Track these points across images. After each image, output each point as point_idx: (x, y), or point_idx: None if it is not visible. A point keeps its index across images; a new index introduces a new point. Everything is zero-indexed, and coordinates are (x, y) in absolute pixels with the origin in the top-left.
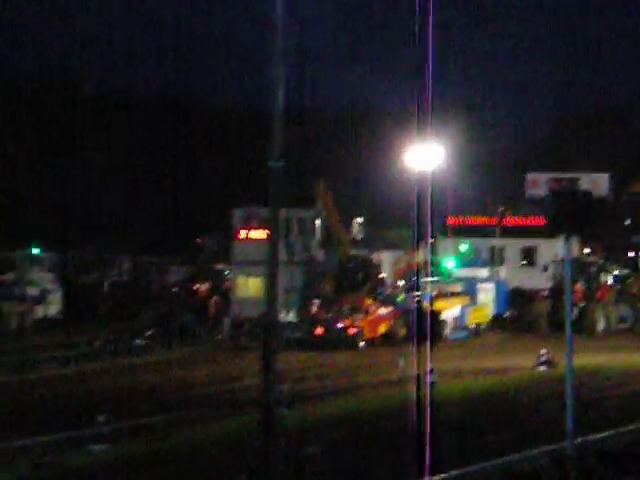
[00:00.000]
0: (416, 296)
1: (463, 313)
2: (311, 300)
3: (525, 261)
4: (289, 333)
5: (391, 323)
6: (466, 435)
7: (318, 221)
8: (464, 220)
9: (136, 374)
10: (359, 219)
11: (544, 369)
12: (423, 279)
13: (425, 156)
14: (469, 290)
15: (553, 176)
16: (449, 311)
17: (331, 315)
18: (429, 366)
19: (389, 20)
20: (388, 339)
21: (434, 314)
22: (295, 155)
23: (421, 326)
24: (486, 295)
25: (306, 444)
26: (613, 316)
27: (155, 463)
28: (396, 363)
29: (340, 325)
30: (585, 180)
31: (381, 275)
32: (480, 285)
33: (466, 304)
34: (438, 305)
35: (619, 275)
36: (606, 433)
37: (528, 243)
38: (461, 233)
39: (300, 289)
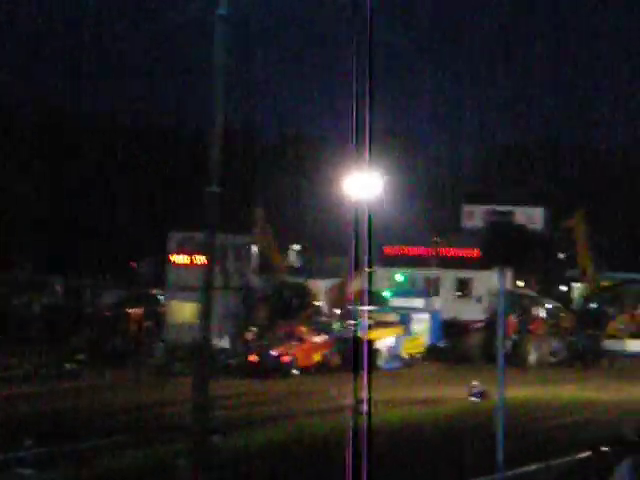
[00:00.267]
0: (351, 324)
1: (397, 343)
2: (245, 327)
3: (460, 292)
4: (223, 359)
5: (326, 351)
6: (396, 466)
7: (254, 247)
8: (401, 250)
9: (66, 398)
10: (296, 246)
11: (476, 400)
12: (359, 308)
13: (363, 185)
14: (404, 320)
15: (489, 208)
16: (383, 340)
17: (265, 342)
18: (362, 396)
19: (329, 49)
20: (322, 367)
21: (369, 343)
22: (233, 181)
23: (356, 355)
24: (421, 325)
25: (236, 471)
26: (545, 349)
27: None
28: (329, 392)
29: (274, 352)
30: (520, 214)
31: (317, 303)
32: (415, 315)
33: (400, 334)
34: (372, 334)
35: (552, 308)
36: (535, 466)
37: (463, 274)
38: (397, 263)
39: (235, 315)
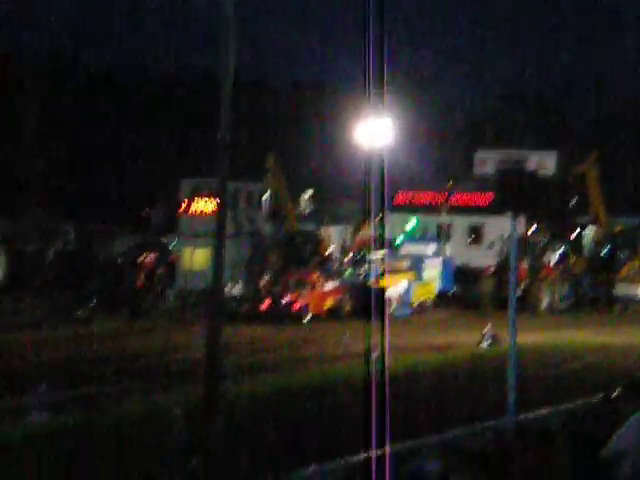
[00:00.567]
0: (363, 271)
1: (408, 290)
2: (257, 274)
3: (472, 238)
4: (234, 306)
5: (337, 298)
6: (408, 410)
7: (266, 194)
8: (412, 196)
9: (78, 344)
10: (307, 193)
11: (488, 346)
12: (371, 255)
13: (375, 131)
14: (415, 267)
15: (501, 155)
16: (394, 287)
17: (277, 289)
18: (373, 342)
19: None
20: (334, 314)
21: (381, 290)
22: (245, 127)
23: (367, 301)
24: (432, 272)
25: (248, 419)
26: (557, 294)
27: (95, 434)
28: (341, 338)
29: (286, 299)
30: (533, 159)
31: (328, 250)
32: (426, 262)
33: (412, 280)
34: (383, 281)
35: (564, 254)
36: (546, 410)
37: (475, 221)
38: (409, 209)
39: (246, 262)
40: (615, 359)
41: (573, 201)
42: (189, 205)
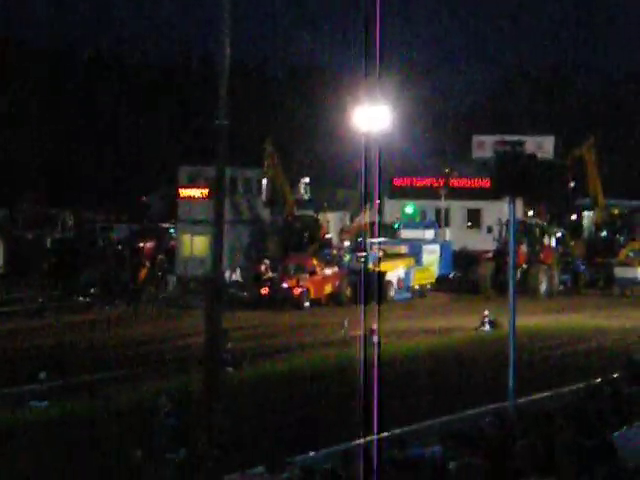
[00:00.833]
0: (362, 257)
1: (408, 274)
2: (257, 259)
3: (470, 222)
4: (235, 292)
5: (337, 283)
6: (409, 394)
7: (264, 180)
8: (410, 181)
9: (78, 332)
10: (306, 179)
11: (487, 330)
12: (369, 240)
13: (372, 117)
14: (414, 251)
15: (499, 138)
16: (394, 272)
17: (277, 275)
18: (374, 326)
19: None
20: (334, 299)
21: (380, 275)
22: (242, 113)
23: (367, 286)
24: (431, 256)
25: (248, 402)
26: (556, 278)
27: (95, 420)
28: (341, 323)
29: (286, 285)
30: (530, 143)
31: (327, 235)
32: (425, 246)
33: (411, 265)
34: (383, 266)
35: (562, 237)
36: (546, 393)
37: (473, 205)
38: (407, 194)
39: (246, 248)
40: (614, 342)
41: (571, 184)
42: (187, 192)
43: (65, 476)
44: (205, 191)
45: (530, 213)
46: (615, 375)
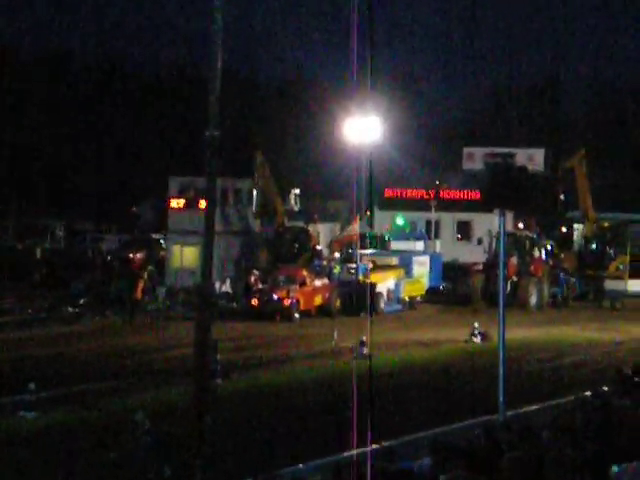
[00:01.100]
0: (352, 268)
1: (398, 286)
2: (247, 270)
3: (460, 235)
4: (224, 303)
5: (327, 295)
6: (399, 406)
7: (255, 191)
8: (401, 193)
9: (68, 342)
10: (296, 190)
11: (477, 342)
12: (359, 251)
13: (363, 128)
14: (404, 263)
15: (489, 151)
16: (384, 283)
17: (267, 286)
18: (364, 338)
19: None
20: (323, 311)
21: (370, 286)
22: (233, 125)
23: (357, 298)
24: (421, 268)
25: (238, 415)
26: (546, 290)
27: (83, 431)
28: (332, 335)
29: (276, 296)
30: (521, 155)
31: (317, 246)
32: (415, 258)
33: (401, 277)
34: (373, 277)
35: (552, 249)
36: (536, 406)
37: (464, 217)
38: (398, 205)
39: (236, 259)
40: (604, 354)
41: (562, 197)
42: (177, 203)
43: None
44: (195, 202)
45: (520, 225)
46: (605, 388)
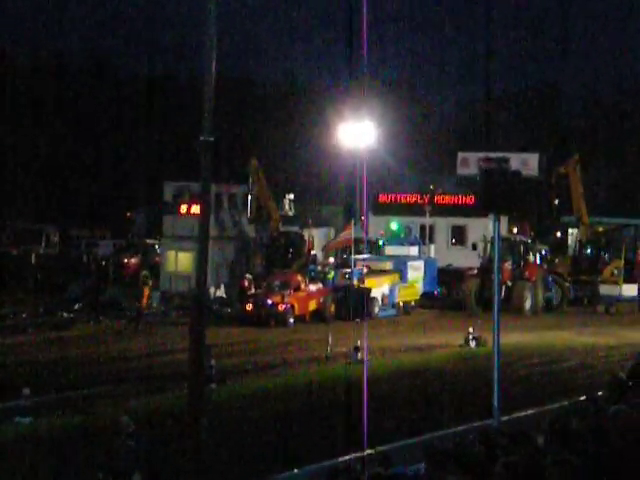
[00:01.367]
0: (347, 273)
1: (392, 290)
2: (241, 275)
3: (455, 239)
4: (219, 308)
5: (321, 300)
6: (393, 411)
7: (249, 196)
8: (395, 198)
9: (63, 347)
10: (290, 195)
11: (472, 347)
12: (354, 256)
13: (357, 134)
14: (399, 268)
15: (483, 155)
16: (378, 288)
17: (261, 291)
18: (358, 343)
19: None
20: (318, 316)
21: (365, 291)
22: (228, 130)
23: (352, 303)
24: (416, 273)
25: (232, 419)
26: (540, 295)
27: (79, 436)
28: (326, 340)
29: (270, 301)
30: (515, 160)
31: (312, 252)
32: (410, 263)
33: (395, 282)
34: (368, 282)
35: (547, 254)
36: (531, 411)
37: (458, 222)
38: (392, 211)
39: (230, 264)
40: (599, 359)
41: (556, 201)
42: (172, 208)
43: None
44: (190, 207)
45: (515, 230)
46: (600, 393)
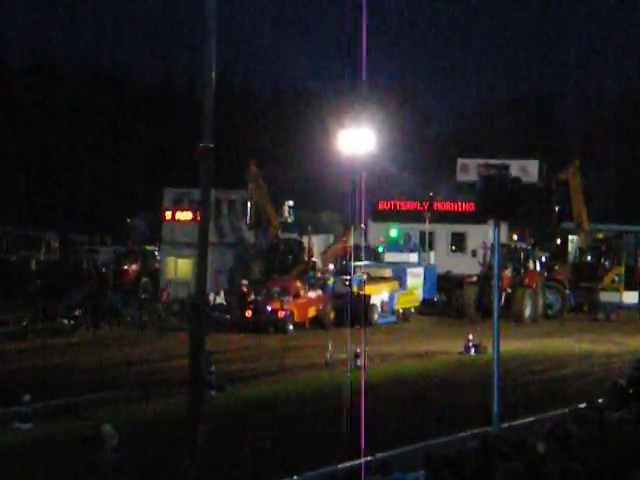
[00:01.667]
0: (346, 280)
1: (392, 297)
2: (241, 282)
3: (455, 246)
4: (218, 315)
5: (321, 307)
6: (393, 418)
7: (249, 203)
8: (395, 204)
9: (63, 353)
10: (290, 202)
11: (472, 354)
12: (353, 263)
13: (357, 140)
14: (398, 275)
15: (483, 162)
16: (378, 295)
17: (261, 297)
18: (357, 350)
19: (325, 2)
20: (317, 322)
21: (365, 298)
22: (227, 136)
23: (351, 310)
24: (415, 280)
25: (232, 425)
26: (540, 302)
27: (80, 442)
28: (325, 347)
29: (269, 308)
30: (515, 166)
31: (311, 258)
32: (409, 270)
33: (395, 289)
34: (367, 289)
35: (547, 261)
36: (531, 418)
37: (458, 228)
38: (391, 217)
39: (230, 271)
40: (598, 367)
41: (556, 208)
42: (172, 214)
43: None
44: (189, 214)
45: (515, 237)
46: (600, 400)
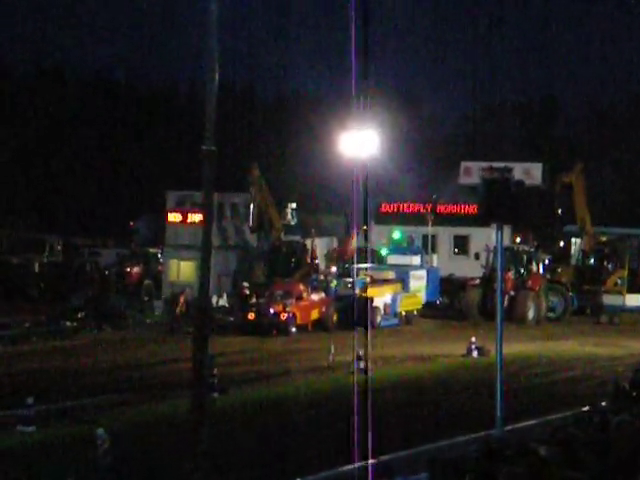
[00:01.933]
0: (349, 282)
1: (395, 300)
2: (243, 285)
3: (457, 249)
4: (221, 317)
5: (323, 309)
6: (396, 421)
7: (251, 206)
8: (398, 207)
9: (66, 356)
10: (292, 205)
11: (475, 357)
12: (356, 265)
13: (360, 143)
14: (401, 277)
15: (486, 165)
16: (381, 298)
17: (263, 300)
18: (360, 352)
19: (328, 6)
20: (320, 325)
21: (367, 301)
22: (230, 139)
23: (354, 313)
24: (418, 282)
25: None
26: (543, 305)
27: (82, 445)
28: (328, 349)
29: (272, 310)
30: (518, 169)
31: (314, 261)
32: (412, 272)
33: (398, 291)
34: (370, 292)
35: (550, 264)
36: (534, 421)
37: (461, 231)
38: (394, 220)
39: (233, 274)
40: (602, 369)
41: (559, 211)
42: (175, 217)
43: None
44: (192, 216)
45: (518, 240)
46: (603, 403)
